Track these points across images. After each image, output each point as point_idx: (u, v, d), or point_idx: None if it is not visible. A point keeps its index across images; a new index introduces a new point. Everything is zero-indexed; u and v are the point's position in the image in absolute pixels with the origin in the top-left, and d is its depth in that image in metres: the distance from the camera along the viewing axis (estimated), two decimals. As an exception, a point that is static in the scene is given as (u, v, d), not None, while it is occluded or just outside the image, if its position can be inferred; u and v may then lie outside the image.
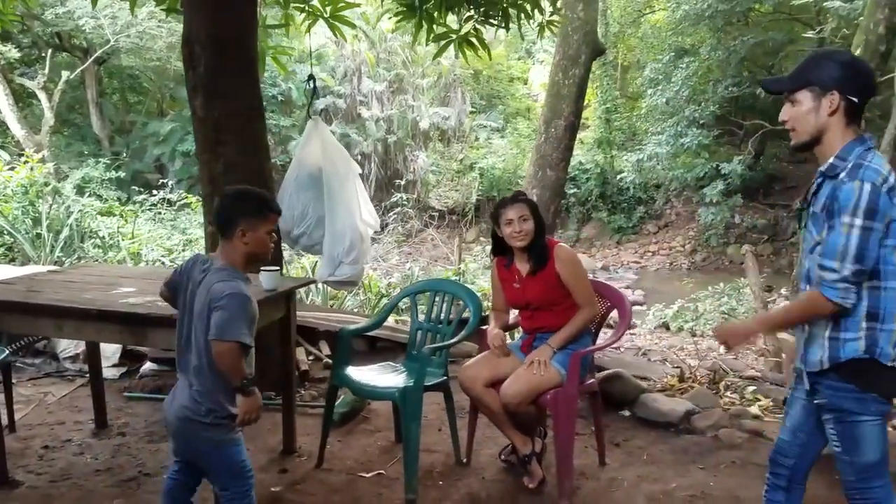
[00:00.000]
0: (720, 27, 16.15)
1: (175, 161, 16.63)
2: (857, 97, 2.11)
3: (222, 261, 2.39)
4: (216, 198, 4.25)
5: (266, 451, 3.65)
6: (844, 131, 2.12)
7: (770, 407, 5.06)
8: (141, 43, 15.69)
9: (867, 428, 2.14)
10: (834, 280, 2.03)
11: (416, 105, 18.65)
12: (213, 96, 4.17)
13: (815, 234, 2.14)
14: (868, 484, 2.18)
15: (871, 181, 2.00)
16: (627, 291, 13.92)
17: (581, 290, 3.24)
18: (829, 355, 2.14)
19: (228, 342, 2.25)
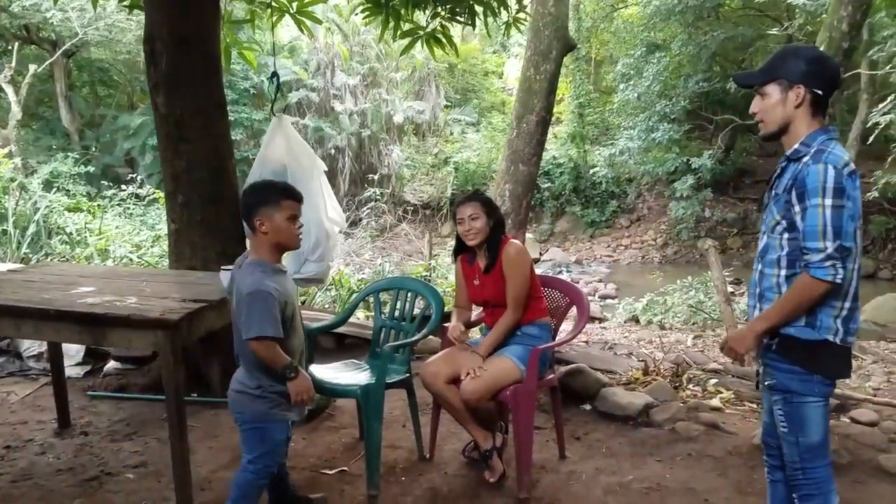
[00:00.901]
0: (691, 22, 16.31)
1: (145, 155, 16.46)
2: (822, 90, 2.23)
3: (253, 255, 2.61)
4: (178, 196, 4.26)
5: (229, 450, 3.65)
6: (810, 122, 2.25)
7: (731, 399, 5.17)
8: (110, 35, 15.49)
9: (812, 409, 2.25)
10: (820, 259, 2.10)
11: (390, 99, 18.61)
12: (174, 93, 4.15)
13: (776, 214, 2.25)
14: (812, 464, 2.28)
15: (834, 164, 2.11)
16: (600, 285, 14.04)
17: (511, 289, 3.23)
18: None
19: (258, 339, 2.46)
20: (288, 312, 2.58)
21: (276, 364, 2.52)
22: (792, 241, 2.22)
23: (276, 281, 2.54)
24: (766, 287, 2.30)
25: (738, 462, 3.45)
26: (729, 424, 3.96)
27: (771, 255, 2.28)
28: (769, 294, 2.29)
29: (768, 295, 2.29)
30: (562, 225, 18.35)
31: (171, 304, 3.07)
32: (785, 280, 2.25)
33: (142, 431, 3.85)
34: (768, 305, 2.27)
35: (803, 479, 2.30)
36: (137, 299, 3.13)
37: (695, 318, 9.99)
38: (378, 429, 3.22)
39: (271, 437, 2.63)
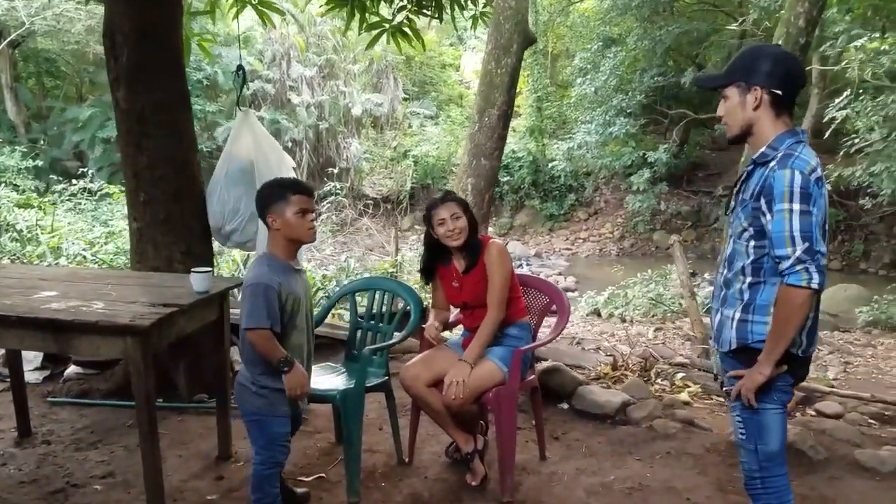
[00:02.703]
0: (646, 17, 16.48)
1: (95, 148, 15.96)
2: (782, 90, 2.17)
3: (266, 250, 2.71)
4: (141, 193, 4.11)
5: (200, 458, 3.54)
6: (774, 123, 2.19)
7: (699, 393, 5.23)
8: (58, 25, 14.95)
9: (771, 416, 2.22)
10: (791, 265, 2.03)
11: (347, 91, 18.40)
12: (136, 87, 3.99)
13: (743, 221, 2.19)
14: (770, 473, 2.25)
15: (801, 170, 2.05)
16: (560, 278, 14.13)
17: (494, 290, 3.18)
18: (738, 336, 2.21)
19: (254, 330, 2.53)
20: (289, 308, 2.62)
21: (272, 356, 2.58)
22: (758, 249, 2.16)
23: (282, 276, 2.61)
24: (731, 294, 2.25)
25: (716, 460, 3.47)
26: (703, 420, 3.99)
27: (737, 263, 2.23)
28: (732, 301, 2.24)
29: (731, 302, 2.24)
30: (521, 218, 18.42)
31: (140, 308, 2.94)
32: (748, 287, 2.19)
33: (107, 439, 3.70)
34: (730, 311, 2.23)
35: (762, 488, 2.27)
36: (104, 304, 2.99)
37: (654, 311, 10.12)
38: (358, 434, 3.14)
39: (271, 430, 2.68)
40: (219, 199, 4.30)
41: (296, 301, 2.66)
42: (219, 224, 4.33)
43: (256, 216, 4.30)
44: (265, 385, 2.66)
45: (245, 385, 2.69)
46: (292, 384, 2.61)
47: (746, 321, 2.20)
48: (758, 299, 2.18)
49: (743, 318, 2.21)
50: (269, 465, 2.71)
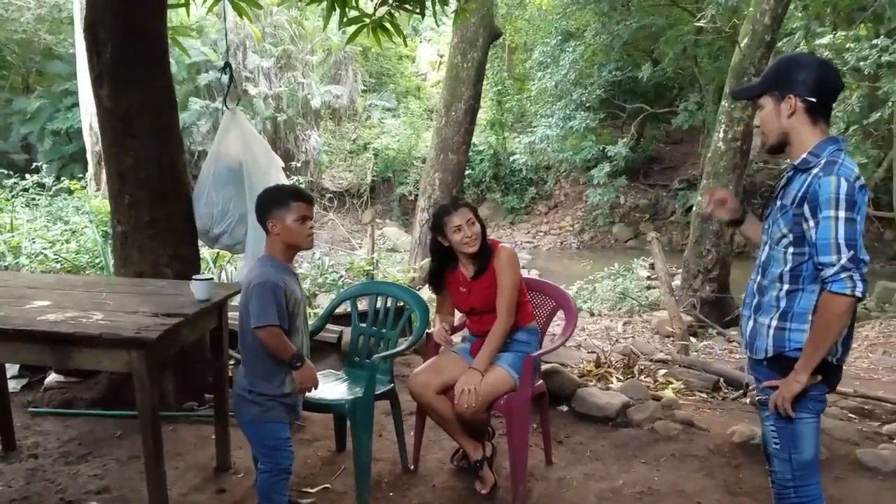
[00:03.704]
0: (605, 11, 16.57)
1: (44, 141, 15.37)
2: (816, 97, 2.18)
3: (265, 253, 2.73)
4: (125, 195, 3.95)
5: (198, 469, 3.43)
6: (811, 131, 2.20)
7: (682, 390, 5.30)
8: (5, 14, 14.32)
9: (804, 425, 2.22)
10: (835, 272, 2.04)
11: (306, 82, 18.09)
12: (120, 85, 3.82)
13: (783, 227, 2.19)
14: (805, 482, 2.26)
15: (846, 177, 2.06)
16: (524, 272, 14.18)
17: (503, 295, 3.15)
18: (774, 344, 2.21)
19: (266, 327, 2.56)
20: (290, 309, 2.66)
21: (284, 353, 2.61)
22: (797, 257, 2.16)
23: (284, 278, 2.65)
24: (766, 301, 2.25)
25: (721, 461, 3.51)
26: (700, 421, 4.03)
27: (773, 269, 2.23)
28: (768, 308, 2.24)
29: (767, 309, 2.24)
30: (482, 212, 18.32)
31: (143, 319, 2.83)
32: (786, 295, 2.19)
33: (97, 452, 3.55)
34: (766, 319, 2.23)
35: (795, 497, 2.26)
36: (103, 315, 2.87)
37: (621, 304, 10.24)
38: (368, 444, 3.09)
39: (271, 435, 2.69)
40: (206, 201, 4.16)
41: (296, 303, 2.70)
42: (207, 226, 4.20)
43: (246, 218, 4.26)
44: (262, 392, 2.66)
45: (241, 394, 2.70)
46: (303, 378, 2.67)
47: (784, 329, 2.20)
48: (796, 307, 2.18)
49: (780, 325, 2.20)
50: (275, 472, 2.70)
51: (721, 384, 5.39)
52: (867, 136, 11.44)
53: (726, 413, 4.54)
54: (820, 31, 11.08)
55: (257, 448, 2.77)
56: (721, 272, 9.20)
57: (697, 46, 16.15)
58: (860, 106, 10.75)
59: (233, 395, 2.78)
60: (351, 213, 17.77)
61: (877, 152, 11.52)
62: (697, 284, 9.19)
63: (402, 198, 17.96)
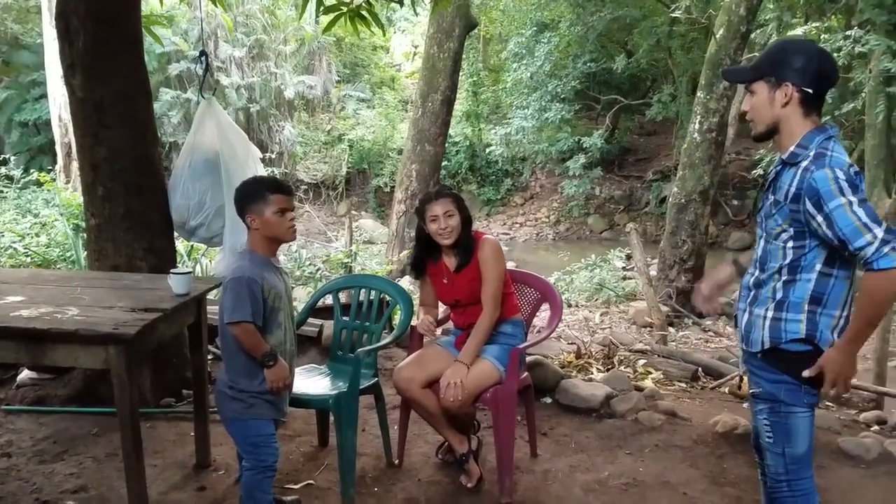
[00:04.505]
0: (579, 2, 16.58)
1: (12, 132, 15.00)
2: (813, 88, 2.13)
3: (247, 247, 2.68)
4: (99, 187, 3.86)
5: (177, 467, 3.36)
6: (802, 121, 2.15)
7: (661, 379, 5.32)
8: (-32, 1, 13.94)
9: (799, 419, 2.20)
10: (876, 249, 1.94)
11: (279, 73, 17.86)
12: (94, 75, 3.73)
13: (781, 222, 2.14)
14: (797, 476, 2.24)
15: (839, 167, 2.02)
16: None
17: (488, 287, 3.12)
18: (771, 335, 2.18)
19: (238, 323, 2.50)
20: (271, 304, 2.60)
21: (256, 350, 2.56)
22: (797, 250, 2.13)
23: (263, 272, 2.59)
24: (763, 293, 2.22)
25: (705, 452, 3.52)
26: (682, 411, 4.04)
27: (772, 263, 2.19)
28: (764, 299, 2.21)
29: (763, 300, 2.22)
30: (458, 203, 18.37)
31: (120, 314, 2.77)
32: (782, 286, 2.17)
33: (73, 450, 3.47)
34: (761, 310, 2.20)
35: (788, 491, 2.25)
36: (79, 310, 2.80)
37: (597, 295, 10.26)
38: (352, 439, 3.05)
39: (254, 433, 2.64)
40: (182, 193, 4.07)
41: (277, 297, 2.63)
42: (183, 219, 4.11)
43: (223, 210, 4.17)
44: (243, 388, 2.61)
45: (223, 391, 2.65)
46: (274, 377, 2.59)
47: (780, 319, 2.17)
48: (791, 296, 2.15)
49: (776, 316, 2.17)
50: (259, 470, 2.65)
51: (699, 373, 5.43)
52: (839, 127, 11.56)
53: (706, 402, 4.56)
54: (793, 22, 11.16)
55: (241, 445, 2.71)
56: (697, 262, 9.26)
57: (671, 38, 16.23)
58: (833, 97, 10.86)
59: (215, 391, 2.72)
60: (326, 205, 17.62)
61: (849, 143, 11.67)
62: (673, 275, 9.25)
63: (377, 189, 17.85)
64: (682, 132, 12.54)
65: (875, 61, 9.66)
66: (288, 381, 2.67)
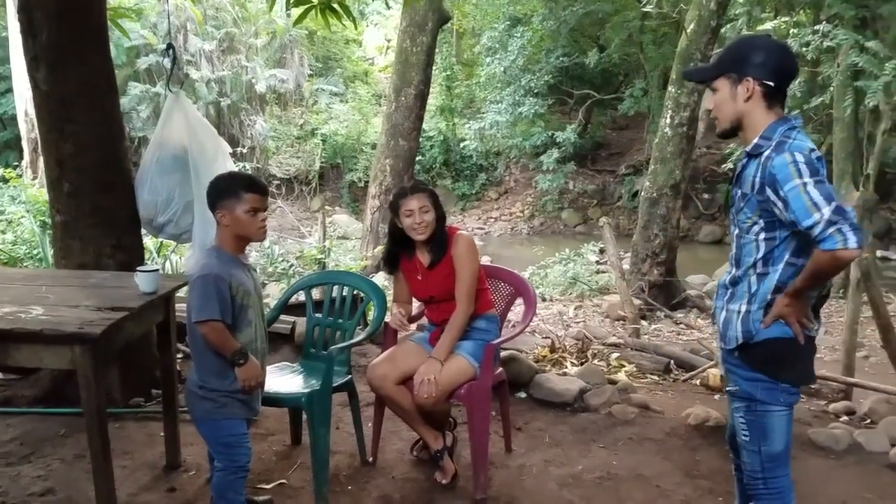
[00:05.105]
0: (552, -4, 16.62)
1: (-26, 127, 14.73)
2: (774, 81, 2.14)
3: (214, 244, 2.64)
4: (65, 183, 3.78)
5: (147, 468, 3.31)
6: (766, 115, 2.16)
7: (634, 372, 5.35)
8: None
9: (776, 418, 2.21)
10: (822, 229, 1.95)
11: (250, 66, 17.67)
12: (58, 68, 3.64)
13: (751, 214, 2.16)
14: (774, 473, 2.25)
15: (799, 150, 2.04)
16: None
17: (462, 283, 3.11)
18: (743, 329, 2.19)
19: (206, 321, 2.47)
20: (240, 301, 2.56)
21: (225, 349, 2.52)
22: (769, 242, 2.14)
23: (231, 270, 2.55)
24: (740, 289, 2.23)
25: (678, 444, 3.54)
26: (654, 404, 4.07)
27: (747, 258, 2.20)
28: (741, 294, 2.22)
29: (739, 295, 2.22)
30: (433, 198, 18.33)
31: (86, 313, 2.70)
32: (757, 280, 2.18)
33: (40, 452, 3.40)
34: (737, 305, 2.21)
35: (765, 489, 2.26)
36: (44, 309, 2.73)
37: (571, 289, 10.31)
38: (326, 437, 3.02)
39: (226, 433, 2.61)
40: (150, 189, 4.00)
41: (246, 294, 2.60)
42: (150, 215, 4.04)
43: (192, 207, 4.11)
44: (213, 388, 2.58)
45: (193, 390, 2.62)
46: (245, 376, 2.55)
47: (751, 312, 2.18)
48: (760, 288, 2.18)
49: (748, 309, 2.19)
50: (231, 470, 2.61)
51: (672, 366, 5.47)
52: (808, 120, 11.73)
53: (678, 395, 4.60)
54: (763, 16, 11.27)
55: (212, 446, 2.68)
56: (668, 256, 9.32)
57: (642, 33, 16.33)
58: (801, 91, 11.00)
59: (185, 391, 2.68)
60: (299, 200, 17.49)
61: (817, 136, 11.83)
62: (646, 268, 9.30)
63: (351, 184, 17.75)
64: (654, 127, 12.62)
65: (843, 56, 9.80)
66: (260, 379, 2.64)
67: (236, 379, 2.56)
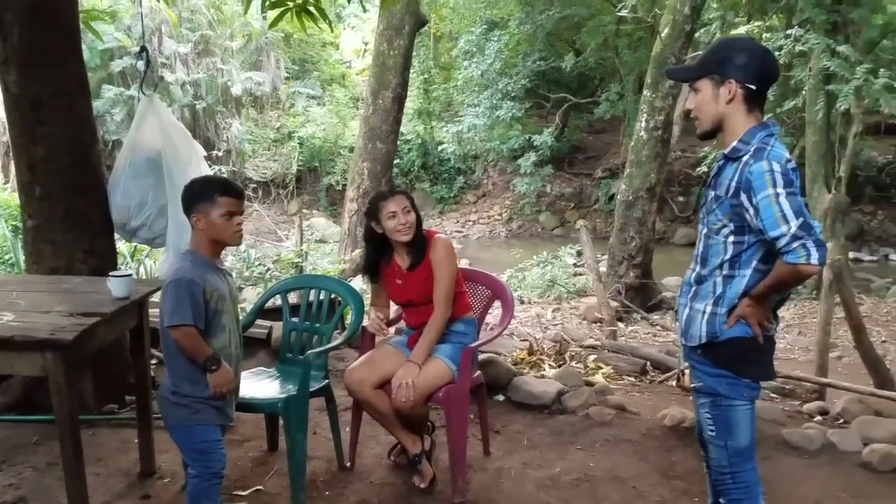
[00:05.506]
0: (528, 1, 16.67)
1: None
2: (756, 84, 2.17)
3: (189, 248, 2.60)
4: (36, 187, 3.73)
5: (121, 475, 3.26)
6: (746, 118, 2.19)
7: (612, 374, 5.39)
8: None
9: (740, 412, 2.25)
10: (787, 242, 2.00)
11: (225, 69, 17.55)
12: (30, 70, 3.60)
13: (722, 217, 2.18)
14: (740, 468, 2.29)
15: (777, 160, 2.07)
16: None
17: (440, 286, 3.11)
18: (708, 329, 2.23)
19: (178, 327, 2.44)
20: (214, 306, 2.53)
21: (198, 355, 2.49)
22: (737, 245, 2.18)
23: (205, 274, 2.52)
24: (704, 288, 2.26)
25: (654, 445, 3.56)
26: (631, 405, 4.09)
27: (714, 259, 2.23)
28: (705, 294, 2.25)
29: (704, 295, 2.25)
30: (411, 202, 18.31)
31: (58, 319, 2.68)
32: (722, 281, 2.21)
33: (11, 460, 3.35)
34: (701, 305, 2.25)
35: (732, 483, 2.29)
36: (14, 315, 2.70)
37: (549, 292, 10.35)
38: (303, 443, 3.01)
39: (200, 439, 2.58)
40: (123, 193, 3.96)
41: (221, 299, 2.56)
42: (124, 219, 4.00)
43: (165, 210, 4.07)
44: (187, 394, 2.55)
45: (166, 396, 2.59)
46: (217, 382, 2.52)
47: (717, 314, 2.22)
48: (728, 292, 2.21)
49: (714, 311, 2.22)
50: (206, 477, 2.58)
51: (648, 367, 5.51)
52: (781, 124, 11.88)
53: (654, 396, 4.63)
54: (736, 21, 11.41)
55: (186, 452, 2.64)
56: (644, 258, 9.41)
57: (618, 37, 16.46)
58: (774, 95, 11.14)
59: (158, 397, 2.65)
60: (276, 203, 17.38)
61: (790, 139, 11.99)
62: (622, 270, 9.38)
63: (329, 188, 17.68)
64: (630, 130, 12.71)
65: (815, 59, 9.95)
66: (232, 386, 2.61)
67: (210, 385, 2.54)
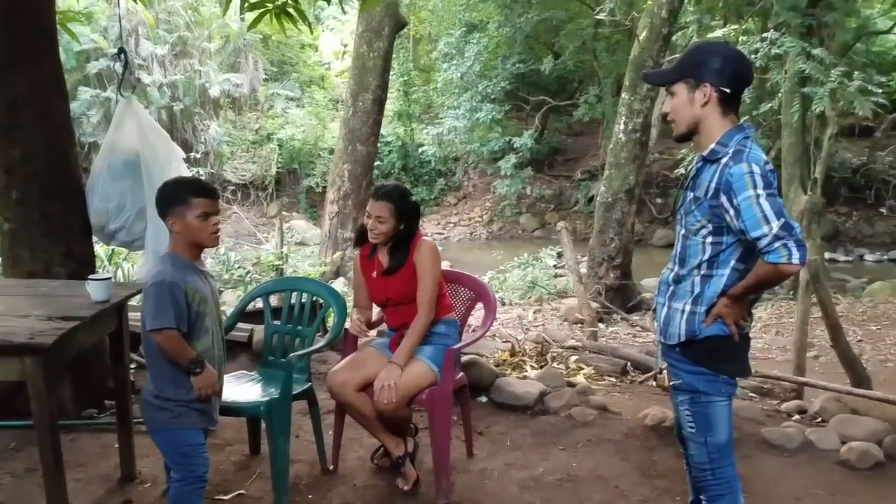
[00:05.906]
0: (507, 4, 16.76)
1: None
2: (731, 88, 2.21)
3: (168, 251, 2.58)
4: (13, 190, 3.68)
5: (102, 480, 3.23)
6: (721, 121, 2.22)
7: (593, 375, 5.41)
8: None
9: (719, 408, 2.29)
10: (769, 242, 2.04)
11: (203, 70, 17.44)
12: (5, 72, 3.55)
13: (701, 218, 2.21)
14: (720, 464, 2.32)
15: (756, 162, 2.11)
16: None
17: (424, 289, 3.12)
18: (687, 328, 2.26)
19: (161, 330, 2.42)
20: (196, 309, 2.52)
21: (181, 357, 2.48)
22: (715, 246, 2.21)
23: (186, 276, 2.51)
24: (682, 287, 2.29)
25: (636, 445, 3.59)
26: (612, 405, 4.11)
27: (692, 259, 2.26)
28: (683, 293, 2.28)
29: (682, 294, 2.28)
30: (390, 204, 18.30)
31: (36, 323, 2.64)
32: (700, 280, 2.25)
33: (-11, 467, 3.30)
34: (680, 304, 2.28)
35: (713, 479, 2.32)
36: (-9, 320, 2.65)
37: (530, 293, 10.39)
38: (286, 447, 2.99)
39: (183, 443, 2.56)
40: (101, 196, 3.91)
41: (203, 301, 2.55)
42: (102, 222, 3.95)
43: (144, 213, 4.04)
44: (169, 398, 2.53)
45: (149, 400, 2.56)
46: (201, 384, 2.51)
47: (696, 313, 2.25)
48: (707, 291, 2.24)
49: (693, 310, 2.25)
50: (189, 481, 2.56)
51: (629, 368, 5.54)
52: (757, 126, 12.02)
53: (635, 396, 4.66)
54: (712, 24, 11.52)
55: (169, 456, 2.63)
56: (624, 259, 9.47)
57: (596, 40, 16.56)
58: (750, 97, 11.27)
59: (140, 401, 2.63)
60: (256, 205, 17.29)
61: (766, 142, 12.13)
62: (602, 272, 9.43)
63: (309, 190, 17.61)
64: (608, 132, 12.79)
65: (790, 62, 10.07)
66: (216, 388, 2.60)
67: (192, 388, 2.52)
